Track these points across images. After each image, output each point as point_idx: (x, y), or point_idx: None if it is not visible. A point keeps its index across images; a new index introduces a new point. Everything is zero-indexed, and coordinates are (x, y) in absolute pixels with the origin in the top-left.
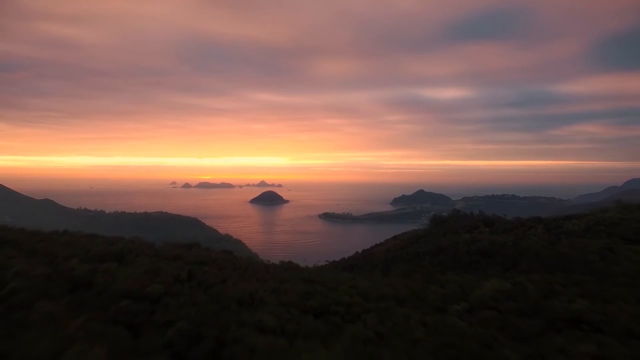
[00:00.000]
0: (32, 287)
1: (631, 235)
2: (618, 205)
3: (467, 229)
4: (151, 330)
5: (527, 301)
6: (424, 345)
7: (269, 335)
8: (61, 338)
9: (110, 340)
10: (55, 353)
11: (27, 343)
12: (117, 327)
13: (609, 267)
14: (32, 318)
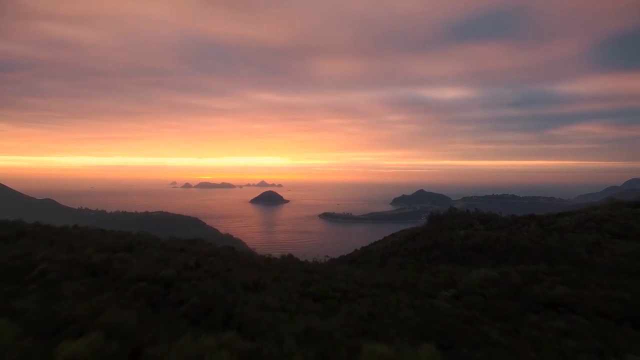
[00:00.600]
0: (57, 270)
1: (619, 231)
2: (609, 203)
3: (463, 226)
4: (167, 307)
5: (511, 287)
6: (411, 322)
7: (271, 312)
8: (94, 305)
9: (135, 308)
10: (93, 314)
11: (67, 307)
12: (138, 301)
13: (592, 259)
14: (64, 293)
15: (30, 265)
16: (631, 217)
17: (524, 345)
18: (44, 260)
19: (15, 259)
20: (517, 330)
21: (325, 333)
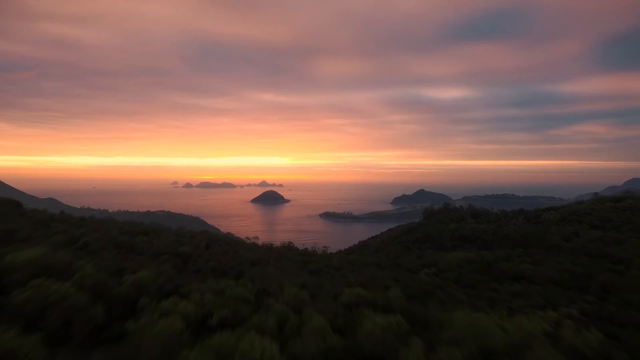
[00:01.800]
0: (94, 243)
1: (598, 222)
2: (593, 199)
3: (455, 220)
4: (188, 272)
5: (483, 265)
6: (393, 288)
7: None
8: (134, 263)
9: (165, 268)
10: (135, 269)
11: (116, 262)
12: (165, 266)
13: (562, 244)
14: (106, 257)
15: (74, 239)
16: (611, 210)
17: (481, 303)
18: (83, 235)
19: (60, 234)
20: (479, 294)
21: (318, 285)
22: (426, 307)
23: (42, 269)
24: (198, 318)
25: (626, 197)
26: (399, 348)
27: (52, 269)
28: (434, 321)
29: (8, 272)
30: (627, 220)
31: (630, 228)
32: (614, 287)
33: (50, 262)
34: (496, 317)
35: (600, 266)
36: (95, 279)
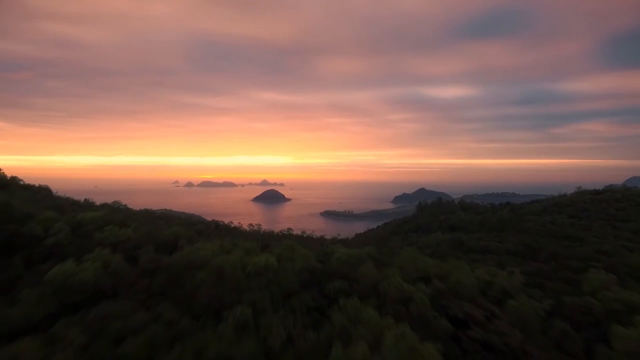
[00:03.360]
0: (139, 238)
1: (575, 213)
2: (575, 192)
3: (446, 212)
4: (206, 236)
5: (457, 242)
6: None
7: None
8: (166, 225)
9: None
10: (170, 227)
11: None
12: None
13: (530, 227)
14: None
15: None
16: (589, 202)
17: (446, 265)
18: (134, 232)
19: (103, 207)
20: (446, 260)
21: (309, 244)
22: (385, 249)
23: (106, 222)
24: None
25: (605, 191)
26: (357, 267)
27: (113, 222)
28: (389, 257)
29: (85, 223)
30: (603, 210)
31: (602, 217)
32: (559, 256)
33: (110, 218)
34: (438, 261)
35: (557, 243)
36: (146, 229)
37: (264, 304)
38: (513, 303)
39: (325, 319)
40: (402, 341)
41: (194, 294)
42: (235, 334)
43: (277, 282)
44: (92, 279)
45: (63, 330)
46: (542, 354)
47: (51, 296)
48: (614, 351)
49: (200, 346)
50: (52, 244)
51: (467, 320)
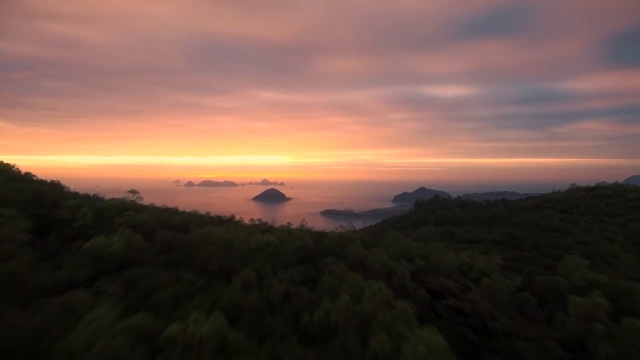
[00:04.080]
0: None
1: (567, 208)
2: (569, 188)
3: (443, 209)
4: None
5: (447, 233)
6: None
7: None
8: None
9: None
10: (180, 214)
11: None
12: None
13: (519, 220)
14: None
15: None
16: (581, 198)
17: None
18: (149, 217)
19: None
20: (428, 244)
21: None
22: (375, 234)
23: (124, 208)
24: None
25: (597, 187)
26: (347, 246)
27: (129, 209)
28: (376, 240)
29: (105, 209)
30: (593, 206)
31: (592, 212)
32: (542, 245)
33: (126, 206)
34: (421, 244)
35: (543, 234)
36: (158, 214)
37: (265, 270)
38: (487, 280)
39: (318, 285)
40: (379, 295)
41: (207, 263)
42: (242, 289)
43: (277, 256)
44: (120, 251)
45: (104, 286)
46: (505, 318)
47: (89, 263)
48: (569, 316)
49: (216, 297)
50: (80, 226)
51: (443, 291)
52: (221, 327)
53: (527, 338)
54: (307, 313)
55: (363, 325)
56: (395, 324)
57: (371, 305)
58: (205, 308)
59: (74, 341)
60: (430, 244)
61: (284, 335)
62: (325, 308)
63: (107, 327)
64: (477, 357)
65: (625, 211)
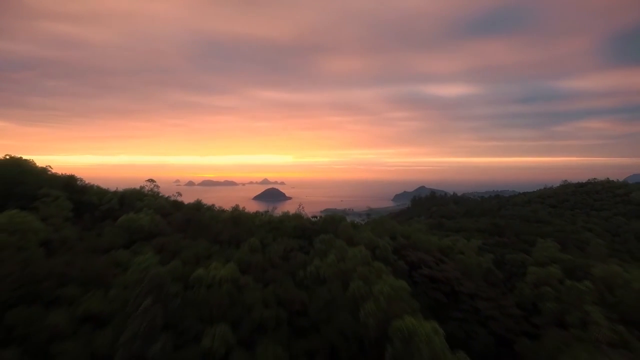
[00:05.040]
0: (170, 206)
1: (556, 203)
2: (561, 185)
3: (439, 205)
4: None
5: (438, 224)
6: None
7: None
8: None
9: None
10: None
11: None
12: None
13: (506, 213)
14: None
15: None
16: (571, 194)
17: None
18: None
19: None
20: (412, 225)
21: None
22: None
23: (142, 195)
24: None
25: (588, 184)
26: (338, 225)
27: (148, 195)
28: (364, 223)
29: (127, 195)
30: (582, 200)
31: (580, 206)
32: (522, 232)
33: (145, 193)
34: (406, 226)
35: (526, 225)
36: (172, 201)
37: (268, 240)
38: (461, 257)
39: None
40: (359, 256)
41: (218, 234)
42: (249, 252)
43: (277, 230)
44: (147, 225)
45: (139, 248)
46: (471, 284)
47: (123, 233)
48: (526, 283)
49: (228, 256)
50: (107, 209)
51: (420, 263)
52: (234, 273)
53: (487, 299)
54: (302, 270)
55: (345, 276)
56: (370, 276)
57: (352, 263)
58: (221, 262)
59: (128, 276)
60: (412, 226)
61: (282, 282)
62: (316, 265)
63: (152, 267)
64: (446, 315)
65: (611, 206)
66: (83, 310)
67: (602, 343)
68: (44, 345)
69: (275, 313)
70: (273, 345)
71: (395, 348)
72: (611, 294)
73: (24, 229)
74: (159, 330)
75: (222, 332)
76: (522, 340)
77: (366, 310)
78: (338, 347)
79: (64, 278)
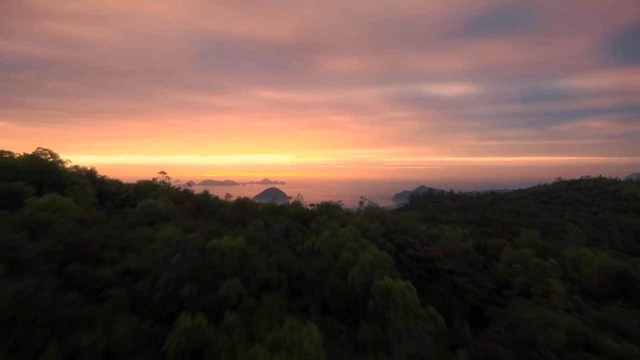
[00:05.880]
0: (180, 195)
1: (549, 199)
2: (555, 182)
3: (436, 202)
4: None
5: (428, 217)
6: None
7: None
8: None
9: None
10: None
11: None
12: None
13: (498, 207)
14: None
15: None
16: (564, 190)
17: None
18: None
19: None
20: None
21: None
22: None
23: (155, 186)
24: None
25: (580, 181)
26: (333, 211)
27: (160, 186)
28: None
29: (141, 186)
30: (573, 196)
31: (571, 202)
32: (509, 224)
33: (157, 184)
34: (400, 217)
35: (515, 217)
36: (182, 191)
37: (271, 222)
38: (445, 241)
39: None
40: (349, 233)
41: (226, 217)
42: (255, 230)
43: (279, 214)
44: (163, 209)
45: (159, 226)
46: (452, 263)
47: (144, 215)
48: (499, 261)
49: (236, 233)
50: (124, 197)
51: (406, 245)
52: (243, 244)
53: (464, 275)
54: (300, 245)
55: (337, 249)
56: (358, 249)
57: (343, 239)
58: (231, 236)
59: (156, 244)
60: (401, 213)
61: (283, 252)
62: (312, 241)
63: (176, 236)
64: (428, 288)
65: (601, 201)
66: (123, 267)
67: (558, 308)
68: (96, 291)
69: (277, 275)
70: (276, 296)
71: (376, 302)
72: (576, 271)
73: (63, 209)
74: (187, 278)
75: (235, 284)
76: (491, 308)
77: (353, 274)
78: (329, 304)
79: (104, 245)
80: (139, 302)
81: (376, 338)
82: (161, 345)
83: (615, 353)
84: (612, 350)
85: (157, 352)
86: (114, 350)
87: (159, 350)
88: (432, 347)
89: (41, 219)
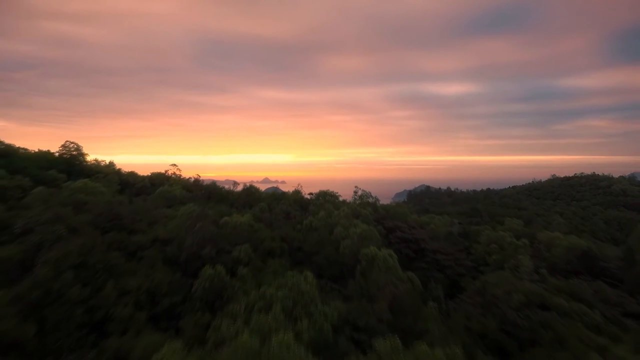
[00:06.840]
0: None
1: (542, 195)
2: (549, 179)
3: (432, 197)
4: None
5: (423, 210)
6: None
7: None
8: None
9: None
10: None
11: None
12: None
13: (491, 202)
14: None
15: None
16: (557, 187)
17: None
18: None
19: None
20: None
21: None
22: None
23: (167, 178)
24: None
25: (574, 177)
26: (329, 198)
27: (171, 177)
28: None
29: (154, 177)
30: (565, 192)
31: (563, 197)
32: (496, 215)
33: (169, 176)
34: (391, 206)
35: (504, 210)
36: (193, 183)
37: (274, 205)
38: (432, 226)
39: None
40: (343, 213)
41: (234, 202)
42: (260, 211)
43: (281, 200)
44: (179, 194)
45: (177, 207)
46: (436, 244)
47: (163, 199)
48: (479, 244)
49: (243, 214)
50: (140, 186)
51: (395, 228)
52: (250, 220)
53: (446, 254)
54: (299, 224)
55: (331, 226)
56: (350, 225)
57: (337, 218)
58: (240, 214)
59: (178, 218)
60: (394, 203)
61: (285, 228)
62: (310, 220)
63: (196, 211)
64: (413, 265)
65: (592, 197)
66: (153, 236)
67: (524, 279)
68: (133, 253)
69: (280, 245)
70: (279, 259)
71: (363, 266)
72: (548, 251)
73: (95, 192)
74: (207, 242)
75: (245, 249)
76: (466, 279)
77: (344, 245)
78: (324, 270)
79: (134, 219)
80: (169, 261)
81: (361, 291)
82: (189, 289)
83: (564, 310)
84: (562, 308)
85: (187, 294)
86: (154, 291)
87: (188, 293)
88: (408, 296)
89: (78, 198)
